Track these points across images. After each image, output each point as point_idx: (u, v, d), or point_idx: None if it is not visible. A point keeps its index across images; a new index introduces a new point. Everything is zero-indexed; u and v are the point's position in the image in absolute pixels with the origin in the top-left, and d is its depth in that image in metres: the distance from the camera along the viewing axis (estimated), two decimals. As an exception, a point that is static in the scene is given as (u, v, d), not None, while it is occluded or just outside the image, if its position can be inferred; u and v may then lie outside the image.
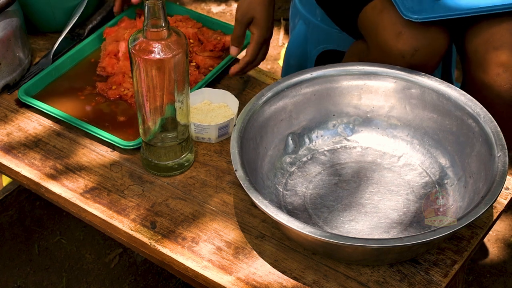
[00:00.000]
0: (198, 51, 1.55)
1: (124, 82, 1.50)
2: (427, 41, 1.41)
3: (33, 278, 1.81)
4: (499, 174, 1.22)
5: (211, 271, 1.22)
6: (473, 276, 1.82)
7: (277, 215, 1.17)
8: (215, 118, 1.42)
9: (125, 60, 1.53)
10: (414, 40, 1.41)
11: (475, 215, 1.16)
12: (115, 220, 1.30)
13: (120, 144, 1.38)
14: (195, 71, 1.52)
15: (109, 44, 1.56)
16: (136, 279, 1.80)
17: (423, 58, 1.42)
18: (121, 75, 1.51)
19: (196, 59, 1.53)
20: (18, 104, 1.50)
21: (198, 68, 1.53)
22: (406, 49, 1.41)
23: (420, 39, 1.41)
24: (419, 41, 1.41)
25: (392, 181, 1.36)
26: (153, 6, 1.19)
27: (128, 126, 1.43)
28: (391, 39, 1.42)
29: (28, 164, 1.39)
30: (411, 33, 1.41)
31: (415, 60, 1.41)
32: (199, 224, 1.29)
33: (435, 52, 1.43)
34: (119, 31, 1.58)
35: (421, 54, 1.41)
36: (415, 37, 1.41)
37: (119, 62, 1.53)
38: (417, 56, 1.41)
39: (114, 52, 1.54)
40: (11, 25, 1.49)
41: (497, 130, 1.28)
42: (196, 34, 1.57)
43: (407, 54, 1.41)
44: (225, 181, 1.36)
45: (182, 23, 1.60)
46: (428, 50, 1.42)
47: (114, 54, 1.54)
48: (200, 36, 1.58)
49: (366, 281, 1.21)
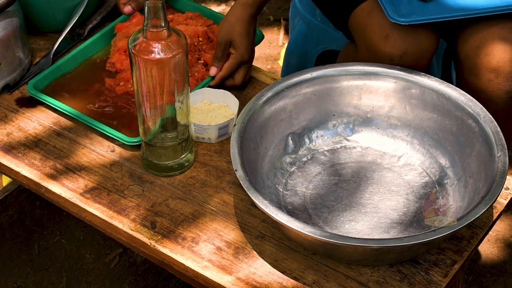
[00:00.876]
0: (206, 49, 1.54)
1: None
2: (415, 43, 1.41)
3: (33, 278, 1.81)
4: (499, 174, 1.22)
5: (211, 271, 1.22)
6: (473, 276, 1.82)
7: (277, 215, 1.17)
8: (215, 118, 1.42)
9: None
10: (402, 43, 1.40)
11: (475, 215, 1.16)
12: (115, 220, 1.30)
13: (124, 140, 1.38)
14: (202, 68, 1.51)
15: (119, 40, 1.55)
16: (136, 279, 1.80)
17: (411, 60, 1.41)
18: (130, 71, 1.48)
19: (205, 57, 1.52)
20: (18, 104, 1.50)
21: (205, 66, 1.52)
22: (394, 51, 1.41)
23: (408, 41, 1.41)
24: (407, 44, 1.40)
25: (392, 181, 1.36)
26: (153, 6, 1.19)
27: (134, 123, 1.43)
28: (379, 41, 1.42)
29: (28, 164, 1.39)
30: (398, 35, 1.40)
31: (403, 63, 1.41)
32: (199, 224, 1.29)
33: (423, 55, 1.43)
34: (130, 27, 1.57)
35: (409, 56, 1.41)
36: (403, 39, 1.40)
37: (128, 58, 1.51)
38: (406, 58, 1.41)
39: (124, 48, 1.53)
40: (11, 25, 1.49)
41: (497, 130, 1.28)
42: (205, 32, 1.55)
43: (395, 56, 1.41)
44: (225, 181, 1.36)
45: (192, 21, 1.59)
46: (416, 52, 1.41)
47: (124, 50, 1.53)
48: (210, 34, 1.56)
49: (366, 281, 1.21)
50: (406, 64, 1.41)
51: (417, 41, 1.41)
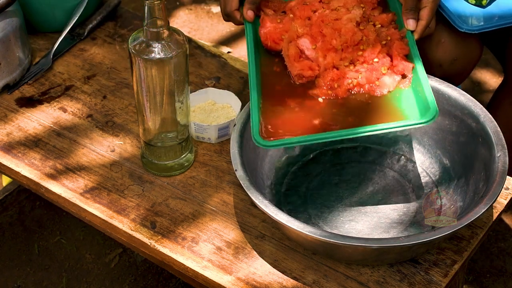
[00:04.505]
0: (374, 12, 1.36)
1: (343, 74, 1.28)
2: (465, 50, 1.41)
3: (33, 278, 1.81)
4: (499, 174, 1.22)
5: (211, 271, 1.22)
6: (473, 276, 1.82)
7: (277, 215, 1.17)
8: (217, 119, 1.42)
9: (319, 51, 1.30)
10: (454, 49, 1.40)
11: (475, 215, 1.16)
12: (115, 220, 1.30)
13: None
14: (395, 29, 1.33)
15: (287, 48, 1.32)
16: (136, 279, 1.80)
17: (459, 67, 1.41)
18: (332, 68, 1.29)
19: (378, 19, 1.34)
20: (18, 104, 1.50)
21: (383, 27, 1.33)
22: (446, 57, 1.40)
23: (460, 48, 1.40)
24: (459, 50, 1.40)
25: (392, 181, 1.36)
26: (153, 6, 1.19)
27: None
28: (431, 47, 1.41)
29: (28, 164, 1.39)
30: (451, 42, 1.40)
31: (452, 69, 1.40)
32: (199, 224, 1.29)
33: (471, 62, 1.43)
34: (276, 32, 1.35)
35: (458, 63, 1.41)
36: (454, 46, 1.40)
37: (313, 61, 1.31)
38: (455, 65, 1.40)
39: (298, 53, 1.31)
40: (11, 25, 1.49)
41: (497, 130, 1.28)
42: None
43: (446, 62, 1.40)
44: (225, 181, 1.36)
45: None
46: (465, 59, 1.41)
47: (300, 55, 1.32)
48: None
49: (366, 281, 1.21)
50: (454, 71, 1.40)
51: (467, 48, 1.41)
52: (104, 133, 1.45)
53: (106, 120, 1.47)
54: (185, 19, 2.62)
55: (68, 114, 1.49)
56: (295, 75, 1.30)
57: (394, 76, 1.27)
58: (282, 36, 1.34)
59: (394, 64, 1.28)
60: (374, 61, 1.28)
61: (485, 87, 2.35)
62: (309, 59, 1.31)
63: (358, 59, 1.29)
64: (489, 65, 2.39)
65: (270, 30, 1.34)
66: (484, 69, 2.39)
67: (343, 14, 1.33)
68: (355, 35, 1.29)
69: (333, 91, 1.27)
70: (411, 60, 1.27)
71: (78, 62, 1.60)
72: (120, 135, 1.44)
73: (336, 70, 1.28)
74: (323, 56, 1.29)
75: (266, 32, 1.35)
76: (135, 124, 1.46)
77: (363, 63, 1.28)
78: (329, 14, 1.34)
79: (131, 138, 1.44)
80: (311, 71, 1.29)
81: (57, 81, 1.56)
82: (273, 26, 1.35)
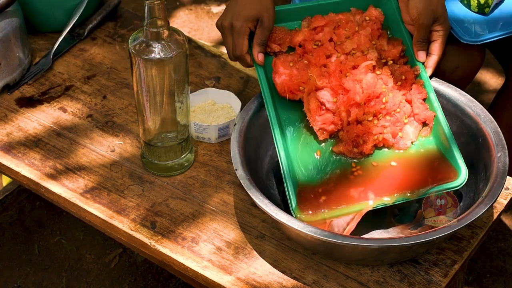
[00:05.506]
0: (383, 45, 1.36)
1: (367, 129, 1.28)
2: (468, 59, 1.41)
3: (33, 278, 1.81)
4: (499, 174, 1.22)
5: (211, 271, 1.22)
6: (473, 276, 1.82)
7: (278, 214, 1.17)
8: (217, 119, 1.42)
9: (342, 106, 1.29)
10: (456, 57, 1.40)
11: (475, 215, 1.16)
12: (115, 220, 1.30)
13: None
14: (407, 66, 1.34)
15: (308, 102, 1.30)
16: (136, 279, 1.80)
17: (461, 75, 1.41)
18: (355, 123, 1.29)
19: (389, 54, 1.35)
20: (18, 104, 1.50)
21: (394, 62, 1.35)
22: (448, 65, 1.40)
23: (462, 56, 1.41)
24: (461, 59, 1.41)
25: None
26: (153, 6, 1.19)
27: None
28: None
29: (28, 164, 1.39)
30: (454, 50, 1.40)
31: (454, 77, 1.41)
32: (199, 224, 1.29)
33: (473, 69, 1.44)
34: (292, 82, 1.31)
35: (460, 71, 1.41)
36: (457, 54, 1.40)
37: (334, 113, 1.29)
38: (457, 72, 1.41)
39: (319, 106, 1.29)
40: (11, 25, 1.49)
41: (497, 130, 1.28)
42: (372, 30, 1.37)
43: (448, 70, 1.41)
44: (225, 181, 1.36)
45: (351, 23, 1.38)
46: (467, 67, 1.42)
47: (320, 107, 1.29)
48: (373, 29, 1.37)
49: (366, 281, 1.21)
50: (455, 78, 1.40)
51: (469, 56, 1.42)
52: (104, 133, 1.45)
53: (106, 120, 1.47)
54: (185, 19, 2.62)
55: (68, 114, 1.49)
56: (317, 130, 1.29)
57: (415, 123, 1.30)
58: (300, 87, 1.31)
59: (415, 112, 1.30)
60: (396, 111, 1.29)
61: (485, 87, 2.35)
62: (330, 112, 1.29)
63: (380, 112, 1.29)
64: (489, 65, 2.39)
65: (286, 80, 1.31)
66: (484, 69, 2.39)
67: (360, 60, 1.32)
68: (377, 89, 1.29)
69: (358, 148, 1.28)
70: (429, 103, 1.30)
71: (78, 62, 1.60)
72: (120, 135, 1.44)
73: (360, 125, 1.29)
74: (346, 111, 1.29)
75: (282, 82, 1.31)
76: (135, 124, 1.46)
77: (386, 115, 1.30)
78: (345, 61, 1.32)
79: (131, 138, 1.44)
80: (333, 125, 1.29)
81: (57, 81, 1.56)
82: (287, 73, 1.31)
